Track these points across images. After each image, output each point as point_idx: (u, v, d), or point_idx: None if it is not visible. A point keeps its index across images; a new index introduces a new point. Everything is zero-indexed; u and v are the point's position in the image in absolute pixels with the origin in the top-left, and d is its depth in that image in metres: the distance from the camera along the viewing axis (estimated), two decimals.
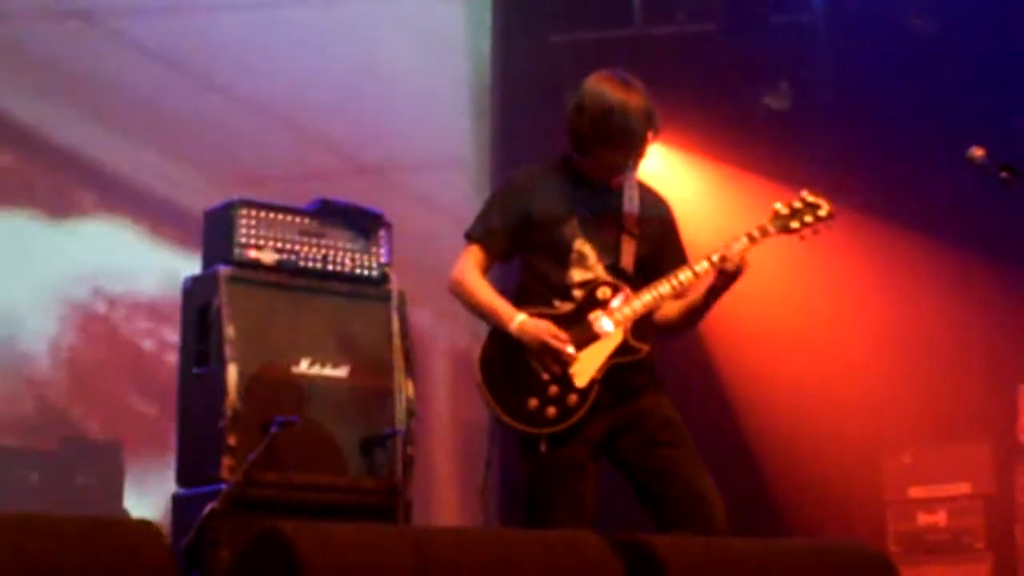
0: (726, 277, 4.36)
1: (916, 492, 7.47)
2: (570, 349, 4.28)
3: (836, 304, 7.78)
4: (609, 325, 4.35)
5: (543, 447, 4.27)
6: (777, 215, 4.47)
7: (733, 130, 7.91)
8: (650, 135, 4.38)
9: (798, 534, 7.47)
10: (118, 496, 6.68)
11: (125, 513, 6.57)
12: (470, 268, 4.48)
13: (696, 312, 4.49)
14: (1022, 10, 7.32)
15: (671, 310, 4.50)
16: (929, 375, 7.50)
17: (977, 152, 4.49)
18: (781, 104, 7.98)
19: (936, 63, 7.48)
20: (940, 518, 7.38)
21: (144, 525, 2.44)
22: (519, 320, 4.33)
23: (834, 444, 7.59)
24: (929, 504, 7.41)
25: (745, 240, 4.39)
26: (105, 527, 2.33)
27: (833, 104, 7.90)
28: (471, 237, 4.52)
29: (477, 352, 4.39)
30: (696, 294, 4.47)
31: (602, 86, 4.38)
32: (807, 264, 6.98)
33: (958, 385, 7.38)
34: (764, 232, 4.43)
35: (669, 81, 7.17)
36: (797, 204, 4.50)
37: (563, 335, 4.29)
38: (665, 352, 4.58)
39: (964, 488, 7.36)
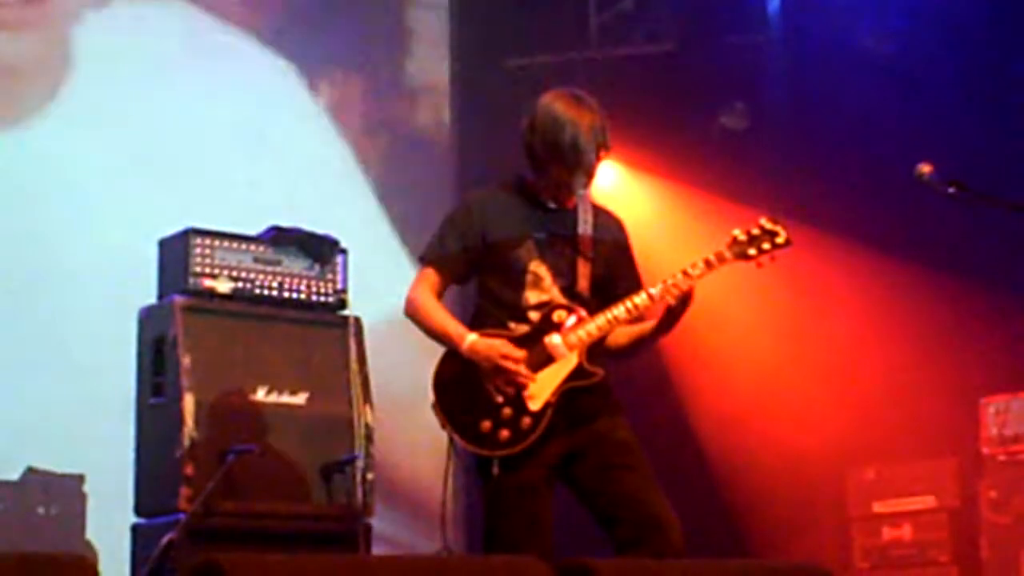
0: (671, 313, 4.36)
1: (881, 507, 7.50)
2: (522, 368, 4.28)
3: (797, 321, 7.81)
4: (564, 348, 4.35)
5: (495, 470, 4.27)
6: (735, 241, 4.45)
7: (690, 150, 7.94)
8: (601, 153, 4.38)
9: (763, 552, 7.48)
10: (80, 527, 6.64)
11: (87, 544, 6.53)
12: (424, 291, 4.47)
13: (644, 343, 4.49)
14: (973, 29, 7.39)
15: (620, 337, 4.49)
16: (892, 390, 7.53)
17: (925, 168, 4.52)
18: (737, 124, 8.02)
19: (890, 82, 7.54)
20: (905, 532, 7.41)
21: (78, 560, 2.43)
22: (470, 340, 4.32)
23: (798, 461, 7.61)
24: (894, 519, 7.44)
25: (702, 266, 4.39)
26: (37, 564, 2.31)
27: (789, 123, 7.95)
28: (425, 259, 4.52)
29: (432, 373, 4.39)
30: (646, 325, 4.46)
31: (554, 103, 4.39)
32: (766, 282, 6.99)
33: (921, 399, 7.40)
34: (721, 259, 4.42)
35: (626, 102, 7.22)
36: (755, 231, 4.47)
37: (516, 354, 4.29)
38: (624, 373, 4.59)
39: (929, 502, 7.38)
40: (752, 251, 4.45)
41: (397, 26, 8.54)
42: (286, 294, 5.25)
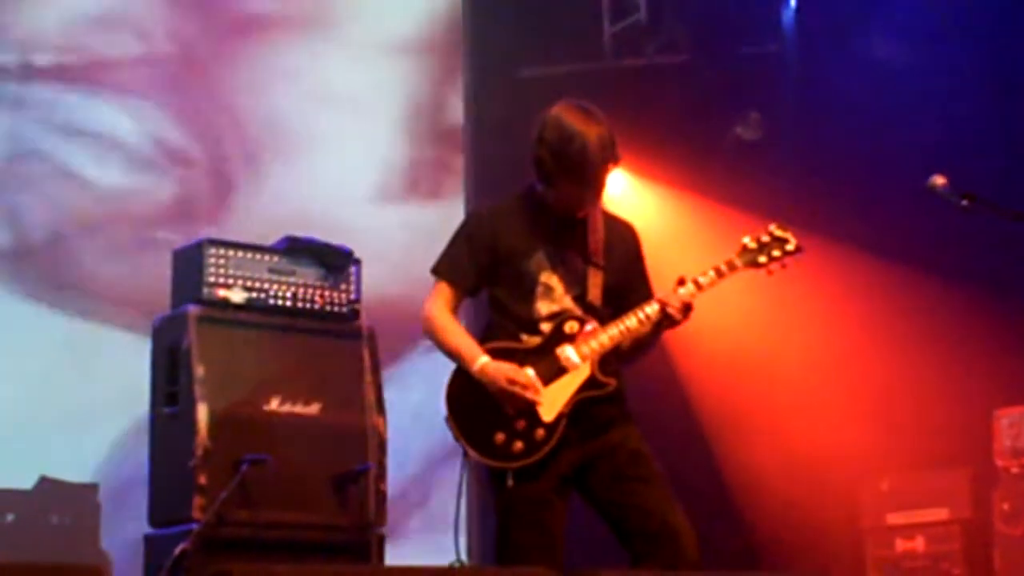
0: (670, 321, 4.37)
1: (894, 519, 7.47)
2: (531, 390, 4.28)
3: (810, 333, 7.79)
4: (576, 359, 4.35)
5: (510, 481, 4.27)
6: (745, 249, 4.47)
7: (705, 161, 7.94)
8: (609, 165, 4.37)
9: (776, 564, 7.47)
10: (94, 536, 6.66)
11: (101, 554, 6.55)
12: (439, 307, 4.47)
13: (644, 345, 4.49)
14: (987, 39, 7.40)
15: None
16: (905, 401, 7.51)
17: (938, 181, 4.52)
18: (752, 134, 8.01)
19: (903, 92, 7.54)
20: (918, 544, 7.39)
21: (91, 570, 2.44)
22: (480, 363, 4.33)
23: (811, 472, 7.59)
24: (907, 530, 7.42)
25: (712, 275, 4.40)
26: (51, 573, 2.32)
27: (801, 133, 7.94)
28: (439, 273, 4.52)
29: (445, 386, 4.40)
30: (645, 328, 4.47)
31: (562, 116, 4.38)
32: (779, 294, 6.99)
33: (934, 411, 7.38)
34: (732, 267, 4.44)
35: (640, 113, 7.26)
36: (765, 238, 4.50)
37: (522, 378, 4.29)
38: (637, 384, 4.59)
39: (942, 514, 7.36)
40: (763, 259, 4.47)
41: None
42: (300, 304, 5.26)
